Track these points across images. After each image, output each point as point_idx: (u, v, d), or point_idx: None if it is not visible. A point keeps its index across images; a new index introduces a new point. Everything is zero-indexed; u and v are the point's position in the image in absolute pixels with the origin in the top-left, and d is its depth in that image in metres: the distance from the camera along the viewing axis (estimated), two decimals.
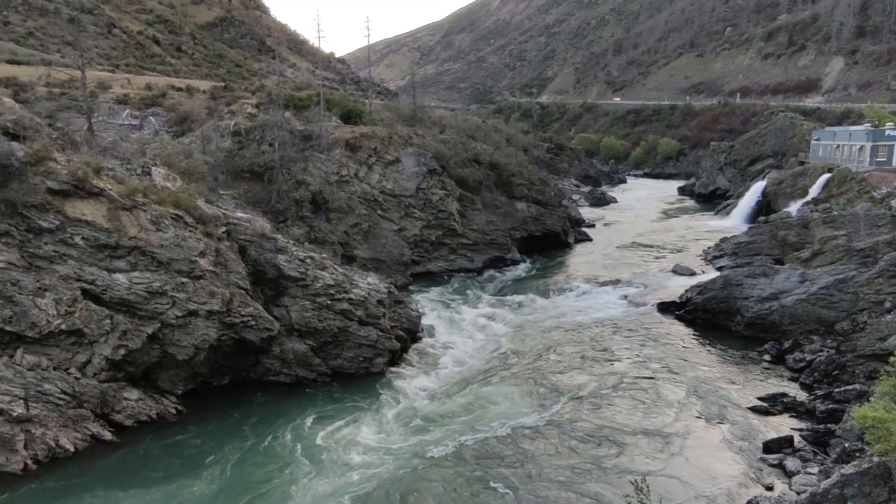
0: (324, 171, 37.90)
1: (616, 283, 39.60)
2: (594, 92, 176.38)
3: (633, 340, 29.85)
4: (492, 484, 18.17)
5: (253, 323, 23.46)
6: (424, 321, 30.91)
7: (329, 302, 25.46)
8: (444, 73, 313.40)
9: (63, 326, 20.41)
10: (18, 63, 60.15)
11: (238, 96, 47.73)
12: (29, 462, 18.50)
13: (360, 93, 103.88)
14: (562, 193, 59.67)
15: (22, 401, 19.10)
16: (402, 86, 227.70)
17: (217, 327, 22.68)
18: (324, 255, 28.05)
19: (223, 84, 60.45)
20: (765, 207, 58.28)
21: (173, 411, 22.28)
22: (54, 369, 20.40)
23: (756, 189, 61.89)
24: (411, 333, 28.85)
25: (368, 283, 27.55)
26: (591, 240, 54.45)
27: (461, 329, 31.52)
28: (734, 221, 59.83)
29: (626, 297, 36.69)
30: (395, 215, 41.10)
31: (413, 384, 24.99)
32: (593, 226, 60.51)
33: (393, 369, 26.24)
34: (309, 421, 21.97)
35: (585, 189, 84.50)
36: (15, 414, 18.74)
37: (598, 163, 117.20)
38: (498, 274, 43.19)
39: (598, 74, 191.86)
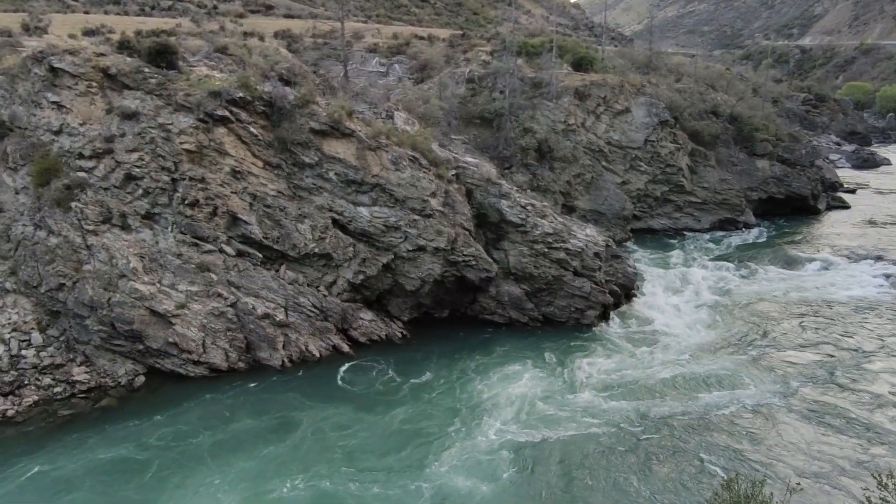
0: (551, 119, 37.81)
1: (875, 259, 34.17)
2: (877, 30, 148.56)
3: (891, 328, 25.78)
4: (695, 460, 17.38)
5: (473, 263, 24.85)
6: (641, 280, 29.90)
7: (546, 250, 25.86)
8: (685, 15, 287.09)
9: (316, 250, 23.66)
10: (292, 17, 68.47)
11: (474, 44, 49.10)
12: (285, 360, 22.17)
13: (594, 39, 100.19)
14: (816, 152, 52.21)
15: (283, 309, 22.76)
16: (638, 31, 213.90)
17: (441, 263, 24.46)
18: (544, 204, 28.39)
19: (461, 32, 62.53)
20: None
21: (399, 335, 24.84)
22: (308, 286, 23.88)
23: None
24: (626, 290, 28.18)
25: (586, 235, 27.35)
26: (847, 207, 47.31)
27: (679, 292, 29.91)
28: None
29: (887, 276, 31.54)
30: (620, 167, 39.73)
31: (621, 344, 24.50)
32: (853, 191, 52.29)
33: (603, 324, 26.02)
34: (514, 362, 22.85)
35: (848, 148, 72.89)
36: (278, 319, 22.43)
37: (870, 117, 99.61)
38: (727, 237, 39.81)
39: (885, 8, 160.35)
